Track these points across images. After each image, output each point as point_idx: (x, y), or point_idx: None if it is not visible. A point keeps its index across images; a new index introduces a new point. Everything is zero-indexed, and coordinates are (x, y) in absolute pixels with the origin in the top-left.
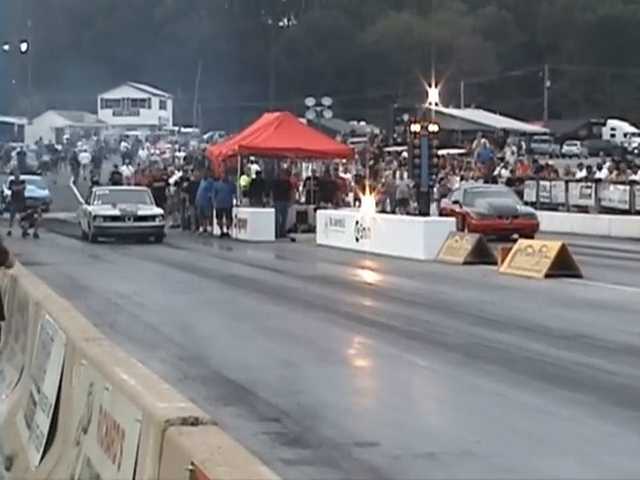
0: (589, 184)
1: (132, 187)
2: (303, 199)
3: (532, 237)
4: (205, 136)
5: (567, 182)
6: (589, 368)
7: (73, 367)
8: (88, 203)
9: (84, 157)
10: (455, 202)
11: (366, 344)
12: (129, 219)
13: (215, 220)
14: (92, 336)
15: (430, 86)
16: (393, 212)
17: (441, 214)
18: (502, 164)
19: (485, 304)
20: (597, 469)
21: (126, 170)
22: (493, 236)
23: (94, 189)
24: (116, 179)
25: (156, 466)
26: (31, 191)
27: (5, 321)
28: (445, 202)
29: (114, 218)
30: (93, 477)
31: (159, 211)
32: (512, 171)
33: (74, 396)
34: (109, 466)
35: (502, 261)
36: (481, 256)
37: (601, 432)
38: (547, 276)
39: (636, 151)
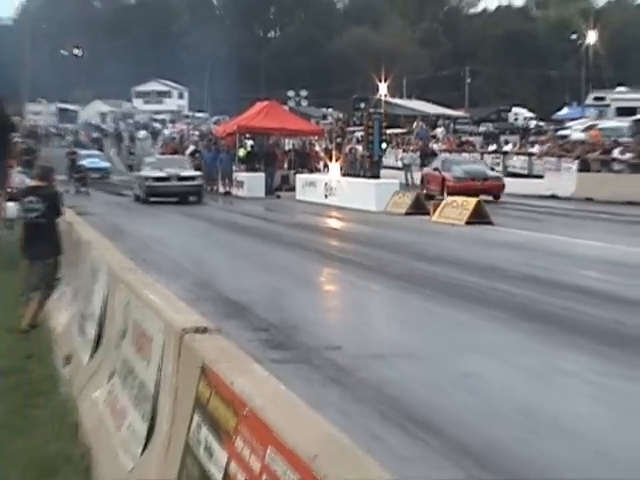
0: (498, 155)
1: (174, 156)
2: (286, 166)
3: (499, 196)
4: (213, 119)
5: (482, 154)
6: (501, 292)
7: (114, 290)
8: (139, 170)
9: (141, 134)
10: (435, 169)
11: (333, 274)
12: (174, 179)
13: (220, 182)
14: (128, 267)
15: (380, 82)
16: (364, 176)
17: (423, 180)
18: (434, 140)
19: (422, 244)
20: (507, 365)
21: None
22: (467, 195)
23: (144, 158)
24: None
25: (176, 363)
26: (96, 163)
27: (63, 255)
28: (426, 169)
29: (162, 179)
30: (129, 371)
31: (198, 173)
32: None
33: (115, 312)
34: (141, 363)
35: (434, 212)
36: (418, 208)
37: (510, 339)
38: (467, 223)
39: (533, 130)
